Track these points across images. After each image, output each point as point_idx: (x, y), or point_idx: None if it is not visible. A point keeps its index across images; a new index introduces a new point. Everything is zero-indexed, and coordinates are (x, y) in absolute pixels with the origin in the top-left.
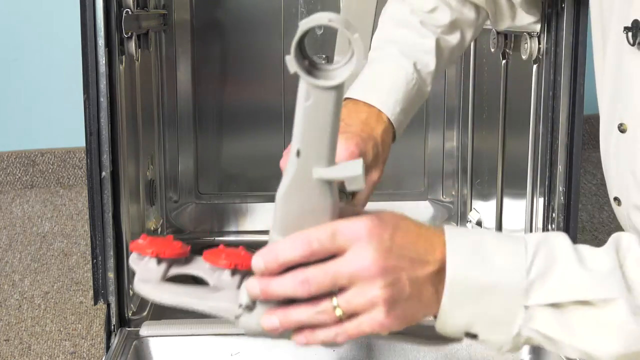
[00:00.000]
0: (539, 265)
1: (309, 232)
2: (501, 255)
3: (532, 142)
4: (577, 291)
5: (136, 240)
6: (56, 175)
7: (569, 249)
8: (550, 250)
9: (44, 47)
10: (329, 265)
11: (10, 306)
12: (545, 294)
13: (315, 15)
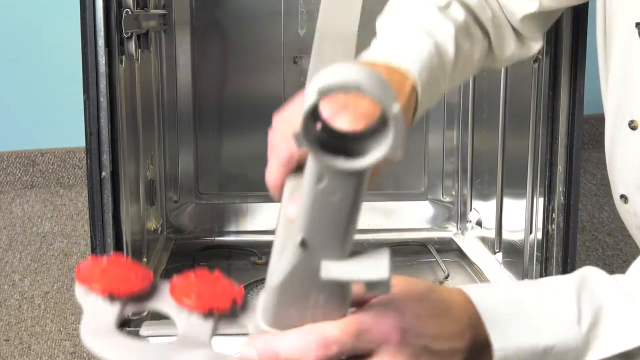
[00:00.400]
0: (588, 312)
1: (324, 330)
2: (543, 313)
3: (532, 142)
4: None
5: (82, 264)
6: (56, 175)
7: (612, 284)
8: (592, 292)
9: (44, 47)
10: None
11: (10, 306)
12: (606, 344)
13: (334, 72)
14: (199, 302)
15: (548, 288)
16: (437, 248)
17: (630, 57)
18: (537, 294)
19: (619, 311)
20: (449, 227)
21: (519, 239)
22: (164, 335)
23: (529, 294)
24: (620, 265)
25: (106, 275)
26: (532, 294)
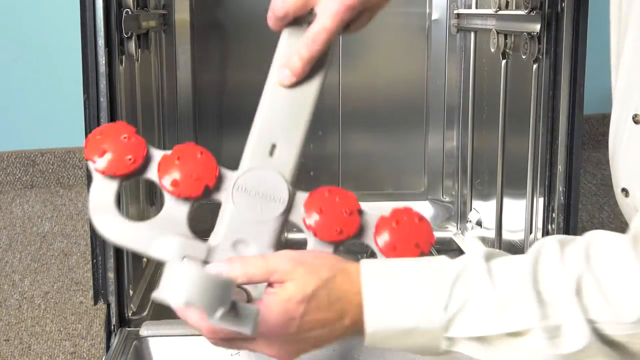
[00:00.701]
0: (456, 301)
1: (248, 267)
2: (418, 299)
3: (532, 142)
4: (494, 325)
5: (88, 139)
6: (56, 175)
7: (485, 278)
8: (466, 283)
9: (44, 47)
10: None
11: (10, 306)
12: (465, 328)
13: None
14: (174, 188)
15: (431, 272)
16: (437, 248)
17: (638, 53)
18: (420, 277)
19: (482, 303)
20: (449, 227)
21: (519, 239)
22: (164, 335)
23: (412, 277)
24: None
25: (106, 155)
26: (415, 276)
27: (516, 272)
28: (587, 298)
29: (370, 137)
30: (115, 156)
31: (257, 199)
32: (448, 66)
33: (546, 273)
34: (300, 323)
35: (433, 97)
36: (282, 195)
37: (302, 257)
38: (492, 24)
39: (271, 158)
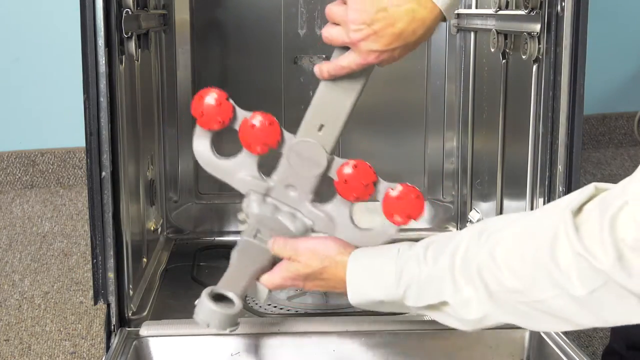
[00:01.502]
0: (403, 281)
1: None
2: (382, 279)
3: (532, 142)
4: (425, 298)
5: (194, 101)
6: (56, 175)
7: (421, 259)
8: (409, 268)
9: (44, 47)
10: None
11: (10, 306)
12: (412, 301)
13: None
14: (247, 147)
15: (391, 259)
16: None
17: None
18: (383, 263)
19: (417, 282)
20: (449, 227)
21: None
22: (164, 335)
23: (378, 263)
24: None
25: (201, 115)
26: (379, 262)
27: (441, 258)
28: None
29: (370, 137)
30: (208, 117)
31: (304, 160)
32: (448, 66)
33: (460, 258)
34: (304, 283)
35: (433, 97)
36: (322, 161)
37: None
38: (492, 24)
39: (319, 133)
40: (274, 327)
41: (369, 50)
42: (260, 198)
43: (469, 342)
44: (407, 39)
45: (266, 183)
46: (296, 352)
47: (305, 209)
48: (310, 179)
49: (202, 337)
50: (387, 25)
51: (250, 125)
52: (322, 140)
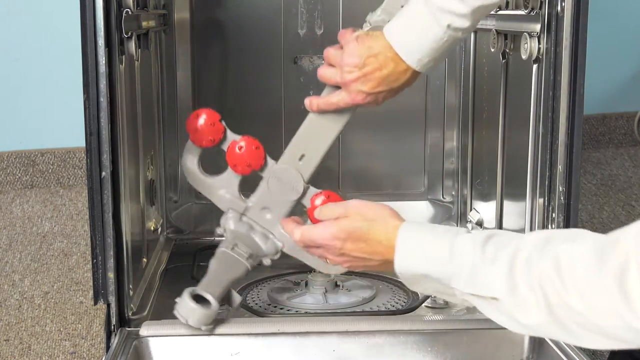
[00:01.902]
0: (454, 264)
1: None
2: (432, 254)
3: (532, 142)
4: (477, 287)
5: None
6: (56, 175)
7: (478, 247)
8: (464, 247)
9: (44, 47)
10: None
11: (10, 306)
12: (460, 285)
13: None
14: (234, 167)
15: (446, 237)
16: None
17: None
18: (436, 239)
19: (470, 270)
20: None
21: None
22: (164, 335)
23: (431, 238)
24: None
25: (194, 132)
26: (433, 238)
27: (502, 253)
28: (549, 289)
29: (370, 137)
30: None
31: (283, 185)
32: (448, 66)
33: (523, 261)
34: (343, 244)
35: (433, 97)
36: (299, 188)
37: (366, 206)
38: (492, 24)
39: (299, 162)
40: (274, 327)
41: (358, 91)
42: (237, 216)
43: (469, 342)
44: (391, 85)
45: (244, 203)
46: (296, 352)
47: (277, 231)
48: (286, 203)
49: (202, 337)
50: (375, 70)
51: (237, 147)
52: (302, 168)
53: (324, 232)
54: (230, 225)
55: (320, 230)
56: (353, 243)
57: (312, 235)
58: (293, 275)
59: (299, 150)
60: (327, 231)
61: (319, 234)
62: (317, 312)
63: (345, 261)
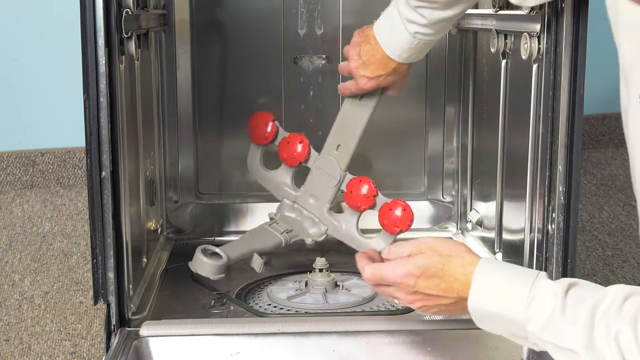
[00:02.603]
0: (534, 308)
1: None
2: (511, 295)
3: (532, 142)
4: (553, 335)
5: (251, 119)
6: (56, 175)
7: (559, 297)
8: (544, 299)
9: (44, 47)
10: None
11: (10, 306)
12: (537, 329)
13: (194, 263)
14: (284, 160)
15: (527, 279)
16: None
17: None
18: (517, 280)
19: (551, 317)
20: (449, 227)
21: (519, 239)
22: (164, 335)
23: (512, 278)
24: (620, 265)
25: (252, 132)
26: (514, 279)
27: (582, 307)
28: (625, 347)
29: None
30: (258, 134)
31: (324, 174)
32: (448, 66)
33: (602, 317)
34: (416, 281)
35: (433, 97)
36: (337, 175)
37: (439, 243)
38: (492, 24)
39: (336, 152)
40: (274, 327)
41: (361, 76)
42: (290, 204)
43: (469, 342)
44: (387, 68)
45: (295, 192)
46: (296, 352)
47: (322, 215)
48: (328, 190)
49: (202, 337)
50: (370, 56)
51: (286, 142)
52: (338, 157)
53: (396, 270)
54: (285, 211)
55: (392, 267)
56: (427, 280)
57: (384, 273)
58: (293, 275)
59: (335, 141)
60: (399, 269)
61: (391, 272)
62: (317, 312)
63: (416, 300)
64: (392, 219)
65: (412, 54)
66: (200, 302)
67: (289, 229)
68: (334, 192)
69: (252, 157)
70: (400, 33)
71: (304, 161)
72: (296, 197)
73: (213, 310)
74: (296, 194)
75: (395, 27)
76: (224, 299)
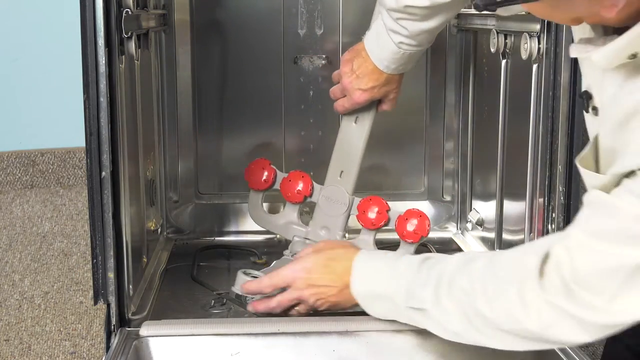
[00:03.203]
0: (401, 282)
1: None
2: (384, 277)
3: (532, 142)
4: (412, 300)
5: (247, 169)
6: (56, 175)
7: (415, 269)
8: (406, 270)
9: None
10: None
11: (10, 306)
12: (401, 300)
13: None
14: (287, 197)
15: (393, 263)
16: (437, 248)
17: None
18: (386, 265)
19: (411, 285)
20: (449, 227)
21: (519, 238)
22: (164, 335)
23: (383, 264)
24: None
25: (249, 180)
26: (384, 264)
27: (431, 272)
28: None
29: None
30: (256, 181)
31: (332, 202)
32: (448, 66)
33: (447, 278)
34: (310, 275)
35: (433, 96)
36: (345, 201)
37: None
38: (492, 24)
39: (340, 178)
40: (274, 327)
41: (355, 89)
42: (301, 240)
43: None
44: (379, 79)
45: (305, 228)
46: (296, 352)
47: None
48: (339, 217)
49: (202, 337)
50: (364, 68)
51: (287, 181)
52: (343, 183)
53: (292, 266)
54: (297, 248)
55: (288, 266)
56: (318, 271)
57: (281, 273)
58: None
59: (337, 168)
60: (295, 265)
61: (289, 269)
62: (317, 312)
63: (312, 294)
64: (410, 229)
65: (399, 64)
66: (200, 302)
67: None
68: (345, 218)
69: (253, 205)
70: (386, 44)
71: (310, 195)
72: (307, 232)
73: (213, 310)
74: (306, 229)
75: (382, 37)
76: (224, 299)
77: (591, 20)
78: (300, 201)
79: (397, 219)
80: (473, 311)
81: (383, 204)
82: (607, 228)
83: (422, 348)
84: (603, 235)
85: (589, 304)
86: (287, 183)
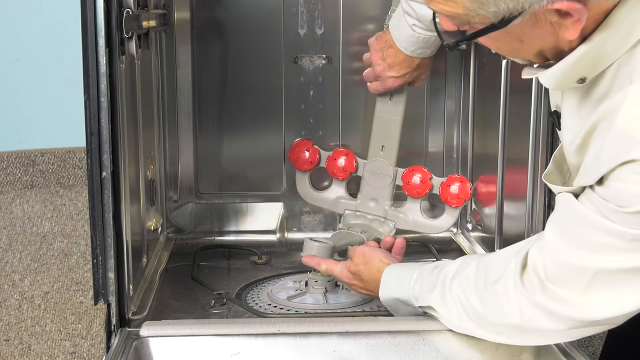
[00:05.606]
0: (416, 287)
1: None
2: (404, 284)
3: (532, 142)
4: (425, 303)
5: (291, 150)
6: (56, 175)
7: (426, 276)
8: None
9: (44, 47)
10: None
11: (10, 306)
12: (416, 302)
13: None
14: (334, 175)
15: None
16: (437, 248)
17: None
18: (406, 274)
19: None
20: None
21: (519, 239)
22: (164, 336)
23: (405, 273)
24: None
25: (295, 161)
26: (405, 274)
27: (438, 276)
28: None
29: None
30: (302, 161)
31: (377, 175)
32: (448, 66)
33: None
34: (355, 282)
35: (433, 97)
36: (389, 173)
37: (365, 251)
38: None
39: (382, 152)
40: (274, 327)
41: (388, 77)
42: (353, 213)
43: (469, 342)
44: (411, 65)
45: (355, 201)
46: (296, 352)
47: (387, 214)
48: (385, 189)
49: (202, 337)
50: (395, 58)
51: (332, 159)
52: (386, 157)
53: (342, 271)
54: (350, 221)
55: (339, 266)
56: (356, 278)
57: (336, 268)
58: (293, 275)
59: (378, 143)
60: (343, 266)
61: (345, 266)
62: (317, 312)
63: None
64: (454, 194)
65: (418, 47)
66: (200, 302)
67: (363, 230)
68: (391, 189)
69: (301, 185)
70: (402, 28)
71: (355, 171)
72: (356, 205)
73: (213, 310)
74: (356, 202)
75: (399, 21)
76: (224, 299)
77: (552, 54)
78: (347, 177)
79: (440, 185)
80: (469, 307)
81: (425, 172)
82: (572, 232)
83: (422, 348)
84: (569, 239)
85: (562, 299)
86: (332, 161)
